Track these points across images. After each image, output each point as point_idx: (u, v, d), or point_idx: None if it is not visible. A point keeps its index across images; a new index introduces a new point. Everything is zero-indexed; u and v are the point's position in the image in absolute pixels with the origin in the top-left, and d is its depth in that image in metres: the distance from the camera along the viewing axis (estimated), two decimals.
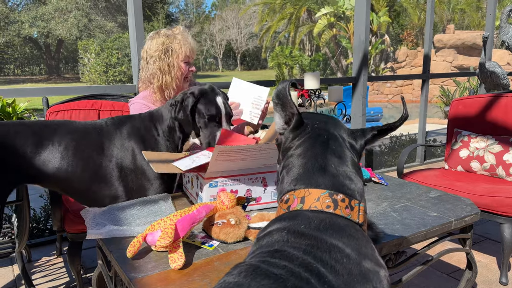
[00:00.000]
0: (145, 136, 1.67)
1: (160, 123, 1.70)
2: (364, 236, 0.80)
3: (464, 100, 2.89)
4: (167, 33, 2.02)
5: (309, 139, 0.91)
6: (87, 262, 2.51)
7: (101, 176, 1.60)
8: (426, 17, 4.46)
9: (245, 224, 1.28)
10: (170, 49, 2.00)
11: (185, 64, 2.03)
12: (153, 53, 2.01)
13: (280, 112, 0.93)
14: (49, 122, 1.66)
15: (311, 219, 0.78)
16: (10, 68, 30.97)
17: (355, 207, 0.82)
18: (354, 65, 3.85)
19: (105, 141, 1.63)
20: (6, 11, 24.62)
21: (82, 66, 18.88)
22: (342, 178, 0.85)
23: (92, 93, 2.52)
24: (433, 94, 11.16)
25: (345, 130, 0.95)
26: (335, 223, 0.78)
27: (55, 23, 24.26)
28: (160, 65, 2.00)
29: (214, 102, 1.68)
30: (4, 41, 26.83)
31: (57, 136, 1.58)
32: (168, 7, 29.82)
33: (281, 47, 24.91)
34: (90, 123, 1.68)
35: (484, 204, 2.22)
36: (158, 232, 1.17)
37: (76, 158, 1.57)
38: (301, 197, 0.83)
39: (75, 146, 1.58)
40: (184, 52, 2.00)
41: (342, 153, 0.89)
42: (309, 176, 0.85)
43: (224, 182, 1.45)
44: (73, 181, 1.58)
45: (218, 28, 33.01)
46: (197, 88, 1.71)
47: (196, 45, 2.08)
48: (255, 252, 0.76)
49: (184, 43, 2.00)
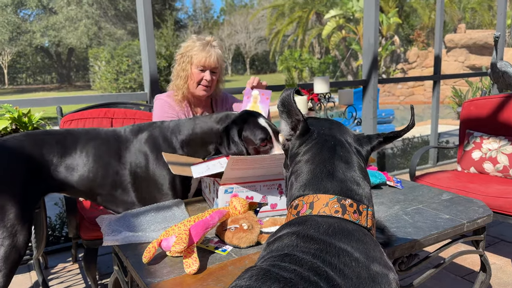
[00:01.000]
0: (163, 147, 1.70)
1: (180, 135, 1.72)
2: (372, 240, 0.81)
3: (475, 101, 2.87)
4: (193, 39, 2.09)
5: (316, 145, 0.92)
6: (103, 268, 2.55)
7: (120, 182, 1.66)
8: (436, 19, 4.44)
9: (258, 229, 1.29)
10: (187, 55, 2.06)
11: (199, 72, 2.05)
12: (177, 55, 2.13)
13: (286, 119, 0.96)
14: (72, 130, 1.72)
15: (320, 224, 0.80)
16: (23, 77, 31.46)
17: (363, 212, 0.83)
18: (364, 68, 3.85)
19: (123, 150, 1.68)
20: (18, 22, 25.07)
21: (93, 74, 19.11)
22: (350, 184, 0.86)
23: (104, 102, 2.57)
24: (445, 94, 11.06)
25: (351, 136, 0.97)
26: (343, 227, 0.79)
27: (66, 32, 24.62)
28: (177, 67, 2.11)
29: (258, 124, 1.65)
30: (16, 51, 27.30)
31: (80, 144, 1.64)
32: (176, 13, 30.09)
33: (290, 50, 24.94)
34: (112, 131, 1.73)
35: (498, 205, 2.20)
36: (172, 238, 1.19)
37: (98, 164, 1.63)
38: (310, 202, 0.85)
39: (96, 153, 1.64)
40: (198, 60, 2.03)
41: (349, 158, 0.90)
42: (318, 182, 0.87)
43: (239, 189, 1.47)
44: (95, 188, 1.64)
45: (226, 33, 33.16)
46: (234, 116, 1.69)
47: (219, 56, 2.07)
48: (265, 257, 0.78)
49: (201, 51, 2.02)
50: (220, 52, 2.08)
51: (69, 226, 2.07)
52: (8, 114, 2.15)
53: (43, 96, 14.59)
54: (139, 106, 2.73)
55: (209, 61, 2.03)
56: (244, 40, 33.26)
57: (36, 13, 26.47)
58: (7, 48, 26.40)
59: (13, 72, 30.21)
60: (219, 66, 2.08)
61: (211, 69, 2.06)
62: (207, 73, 2.05)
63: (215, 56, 2.04)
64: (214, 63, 2.05)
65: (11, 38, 24.79)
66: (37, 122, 2.23)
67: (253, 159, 1.39)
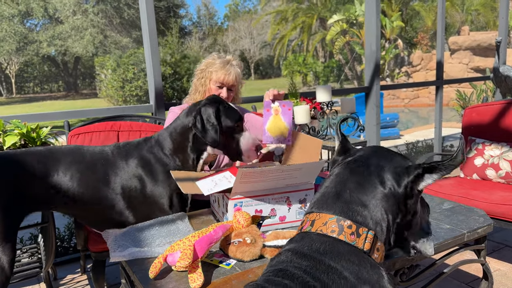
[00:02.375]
0: (154, 167, 1.68)
1: (166, 148, 1.71)
2: (369, 262, 0.83)
3: (477, 108, 2.89)
4: (214, 57, 2.17)
5: (343, 165, 0.98)
6: (110, 279, 2.59)
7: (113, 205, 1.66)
8: (438, 24, 4.46)
9: (261, 243, 1.32)
10: (207, 71, 2.14)
11: (217, 88, 2.12)
12: (197, 70, 2.21)
13: (336, 141, 1.10)
14: (55, 149, 1.69)
15: (314, 241, 0.85)
16: (30, 86, 31.83)
17: (362, 235, 0.85)
18: (366, 74, 3.88)
19: (111, 175, 1.65)
20: (25, 32, 25.40)
21: (99, 82, 19.28)
22: (354, 205, 0.89)
23: (111, 115, 2.62)
24: (450, 97, 11.03)
25: (390, 162, 0.95)
26: (334, 247, 0.83)
27: (72, 41, 24.90)
28: (196, 82, 2.20)
29: (231, 107, 1.71)
30: (23, 60, 27.64)
31: (63, 166, 1.60)
32: (181, 21, 30.30)
33: (294, 55, 25.00)
34: (99, 151, 1.70)
35: (500, 212, 2.22)
36: (177, 253, 1.22)
37: (83, 189, 1.62)
38: (312, 220, 0.89)
39: (82, 178, 1.61)
40: (217, 77, 2.10)
41: (365, 180, 0.92)
42: (324, 201, 0.92)
43: (248, 202, 1.49)
44: (82, 210, 1.65)
45: (231, 38, 33.33)
46: (201, 101, 1.71)
47: (237, 75, 2.14)
48: (265, 271, 0.84)
49: (220, 68, 2.10)
50: (239, 71, 2.15)
51: (78, 238, 2.12)
52: (17, 129, 2.21)
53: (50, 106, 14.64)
54: (145, 118, 2.78)
55: (227, 78, 2.10)
56: (248, 45, 33.39)
57: (42, 23, 26.80)
58: (14, 57, 26.75)
59: (20, 81, 30.57)
60: (236, 84, 2.16)
61: (228, 87, 2.13)
62: (224, 90, 2.12)
63: (234, 74, 2.12)
64: (232, 81, 2.12)
65: (18, 48, 25.10)
66: (45, 137, 2.29)
67: (261, 171, 1.42)
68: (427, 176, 0.93)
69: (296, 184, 1.53)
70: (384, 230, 0.90)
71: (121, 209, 1.66)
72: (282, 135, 1.83)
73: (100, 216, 1.68)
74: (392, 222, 0.92)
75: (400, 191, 0.92)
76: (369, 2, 3.69)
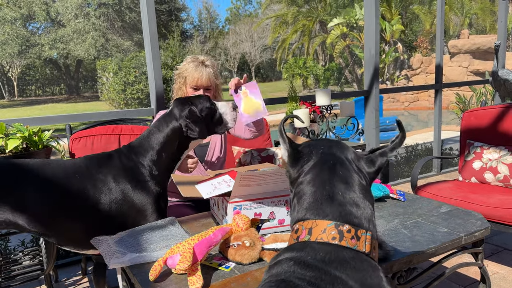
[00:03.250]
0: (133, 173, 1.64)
1: (144, 152, 1.69)
2: (371, 265, 0.83)
3: (475, 112, 2.91)
4: (188, 60, 2.23)
5: (316, 165, 0.94)
6: (111, 282, 2.60)
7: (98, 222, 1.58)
8: (436, 28, 4.49)
9: (259, 246, 1.34)
10: (182, 75, 2.20)
11: (193, 91, 2.18)
12: (175, 75, 2.27)
13: (282, 146, 1.02)
14: (21, 162, 1.55)
15: (317, 251, 0.82)
16: (32, 89, 31.96)
17: (362, 237, 0.84)
18: (365, 78, 3.90)
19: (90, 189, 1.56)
20: (27, 35, 25.51)
21: (101, 85, 19.34)
22: (349, 207, 0.87)
23: (112, 118, 2.65)
24: (450, 100, 11.06)
25: (352, 153, 0.97)
26: (339, 255, 0.81)
27: (74, 44, 25.00)
28: (175, 86, 2.26)
29: (199, 96, 1.80)
30: (25, 64, 27.77)
31: (31, 180, 1.50)
32: (182, 24, 30.40)
33: (294, 58, 25.06)
34: (71, 166, 1.60)
35: (498, 216, 2.23)
36: (177, 256, 1.24)
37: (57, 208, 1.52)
38: (309, 228, 0.86)
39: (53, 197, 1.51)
40: (191, 80, 2.16)
41: (349, 178, 0.91)
42: (317, 206, 0.88)
43: (248, 205, 1.51)
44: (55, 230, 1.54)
45: (232, 42, 33.40)
46: (170, 106, 1.79)
47: (211, 75, 2.18)
48: (265, 281, 0.81)
49: (194, 71, 2.16)
50: (211, 71, 2.19)
51: None
52: (19, 133, 2.23)
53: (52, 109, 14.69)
54: (146, 122, 2.80)
55: (201, 80, 2.16)
56: (249, 48, 33.46)
57: (44, 26, 26.94)
58: (16, 60, 26.87)
59: (22, 84, 30.70)
60: (212, 84, 2.20)
61: (204, 88, 2.18)
62: (201, 92, 2.17)
63: (207, 75, 2.16)
64: (206, 81, 2.17)
65: (20, 51, 25.21)
66: (47, 140, 2.31)
67: (260, 175, 1.44)
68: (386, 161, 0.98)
69: None
70: (374, 225, 0.90)
71: (101, 222, 1.58)
72: (257, 110, 1.92)
73: (75, 233, 1.58)
74: (374, 213, 0.93)
75: (369, 180, 0.95)
76: (368, 7, 3.72)
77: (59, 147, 2.31)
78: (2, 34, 23.79)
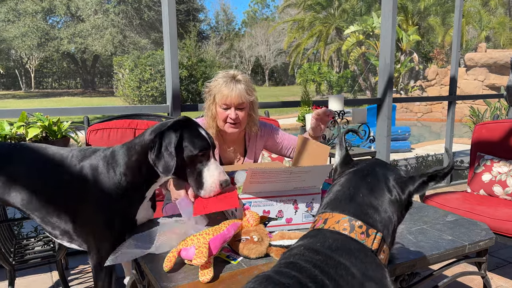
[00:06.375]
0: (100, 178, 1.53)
1: (118, 163, 1.54)
2: (375, 261, 0.90)
3: (487, 125, 2.92)
4: (219, 76, 2.02)
5: (352, 172, 1.07)
6: (119, 271, 2.67)
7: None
8: (453, 40, 4.50)
9: (267, 242, 1.39)
10: (211, 94, 2.01)
11: (223, 110, 1.97)
12: (205, 93, 2.06)
13: (338, 150, 1.17)
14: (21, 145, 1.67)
15: (327, 238, 0.91)
16: (48, 82, 32.48)
17: (371, 235, 0.92)
18: (379, 86, 3.93)
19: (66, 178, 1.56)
20: (47, 28, 25.95)
21: (116, 81, 19.59)
22: (366, 208, 0.96)
23: (129, 113, 2.72)
24: (464, 113, 10.98)
25: (393, 173, 1.05)
26: (346, 245, 0.89)
27: (92, 39, 25.36)
28: (205, 105, 2.07)
29: (200, 133, 1.50)
30: (44, 56, 28.23)
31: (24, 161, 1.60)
32: (199, 25, 30.63)
33: (309, 63, 25.07)
34: (60, 152, 1.63)
35: (506, 229, 2.24)
36: (192, 249, 1.28)
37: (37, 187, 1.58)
38: (325, 219, 0.96)
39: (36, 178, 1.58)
40: (219, 99, 1.96)
41: (375, 187, 1.01)
42: (337, 203, 0.99)
43: (257, 203, 1.55)
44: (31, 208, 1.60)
45: (247, 44, 33.57)
46: (170, 121, 1.49)
47: (242, 91, 1.95)
48: (278, 262, 0.91)
49: (223, 89, 1.94)
50: (243, 87, 1.95)
51: None
52: (39, 122, 2.31)
53: (68, 102, 14.93)
54: (161, 118, 2.87)
55: (231, 98, 1.93)
56: (264, 52, 33.58)
57: (64, 21, 27.37)
58: (35, 53, 27.33)
59: (39, 76, 31.21)
60: (245, 101, 1.96)
61: (235, 106, 1.95)
62: (232, 111, 1.95)
63: (237, 92, 1.93)
64: (237, 99, 1.93)
65: (40, 43, 25.65)
66: (65, 130, 2.38)
67: (270, 172, 1.48)
68: (430, 184, 1.04)
69: (303, 188, 1.59)
70: (389, 233, 0.97)
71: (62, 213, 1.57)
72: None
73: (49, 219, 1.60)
74: (395, 227, 1.00)
75: (404, 198, 1.02)
76: (385, 16, 3.75)
77: (76, 137, 2.39)
78: (23, 26, 24.22)
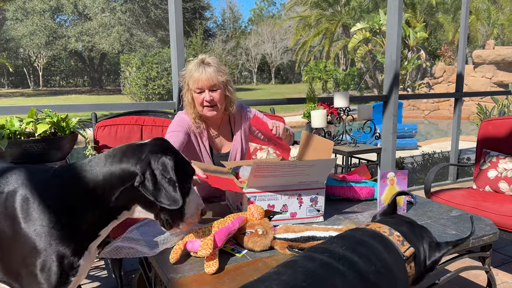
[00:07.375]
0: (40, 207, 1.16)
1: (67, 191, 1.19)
2: (403, 266, 1.00)
3: (493, 121, 2.91)
4: (189, 64, 2.03)
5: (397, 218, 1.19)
6: (126, 265, 2.71)
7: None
8: (460, 37, 4.48)
9: (271, 235, 1.41)
10: (185, 82, 2.02)
11: (198, 95, 1.98)
12: (181, 82, 2.08)
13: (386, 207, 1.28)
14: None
15: (363, 232, 1.05)
16: (56, 80, 32.73)
17: (406, 245, 1.03)
18: (385, 84, 3.92)
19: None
20: (54, 27, 26.13)
21: (123, 79, 19.71)
22: (408, 234, 1.07)
23: (136, 110, 2.75)
24: (471, 110, 10.92)
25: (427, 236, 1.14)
26: (383, 239, 1.02)
27: (99, 37, 25.50)
28: (182, 93, 2.09)
29: (182, 156, 1.30)
30: (51, 54, 28.43)
31: None
32: (206, 22, 30.67)
33: (315, 61, 25.02)
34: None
35: (511, 225, 2.25)
36: (197, 241, 1.31)
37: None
38: (368, 224, 1.12)
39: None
40: (192, 84, 1.97)
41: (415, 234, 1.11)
42: (385, 221, 1.12)
43: (262, 197, 1.57)
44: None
45: (253, 42, 33.54)
46: (143, 144, 1.23)
47: (212, 73, 1.94)
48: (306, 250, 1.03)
49: (194, 74, 1.96)
50: (212, 69, 1.95)
51: None
52: (48, 118, 2.34)
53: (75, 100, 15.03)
54: (168, 114, 2.89)
55: (202, 81, 1.94)
56: (270, 49, 33.55)
57: (71, 19, 27.54)
58: (43, 51, 27.53)
59: (47, 74, 31.45)
60: (217, 82, 1.96)
61: (208, 89, 1.96)
62: (206, 93, 1.96)
63: (208, 74, 1.93)
64: (208, 81, 1.94)
65: (47, 42, 25.83)
66: (73, 127, 2.42)
67: (275, 165, 1.50)
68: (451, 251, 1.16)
69: (308, 182, 1.61)
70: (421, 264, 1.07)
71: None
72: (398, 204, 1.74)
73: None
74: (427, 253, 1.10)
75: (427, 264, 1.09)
76: (392, 13, 3.74)
77: (85, 133, 2.42)
78: (31, 25, 24.42)
